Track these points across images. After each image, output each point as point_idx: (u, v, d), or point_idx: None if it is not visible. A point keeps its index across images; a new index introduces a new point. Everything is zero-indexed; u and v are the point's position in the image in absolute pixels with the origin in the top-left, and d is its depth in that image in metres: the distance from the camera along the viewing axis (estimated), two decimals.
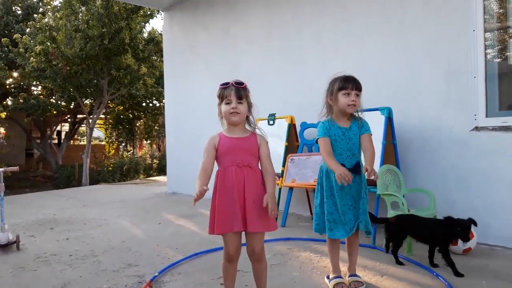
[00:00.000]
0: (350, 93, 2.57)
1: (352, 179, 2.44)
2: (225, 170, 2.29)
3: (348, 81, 2.60)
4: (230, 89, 2.29)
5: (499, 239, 3.65)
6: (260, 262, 2.38)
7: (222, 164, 2.33)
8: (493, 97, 3.84)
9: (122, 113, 18.47)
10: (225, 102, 2.30)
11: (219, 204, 2.26)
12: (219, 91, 2.34)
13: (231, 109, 2.28)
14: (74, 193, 8.40)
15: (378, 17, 4.56)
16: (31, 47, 12.47)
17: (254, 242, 2.31)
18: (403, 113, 4.28)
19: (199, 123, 7.07)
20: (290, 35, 5.57)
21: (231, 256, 2.33)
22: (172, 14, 7.97)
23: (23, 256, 3.73)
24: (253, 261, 2.38)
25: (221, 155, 2.32)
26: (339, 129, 2.64)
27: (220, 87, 2.34)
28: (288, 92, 5.57)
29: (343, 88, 2.58)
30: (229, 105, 2.29)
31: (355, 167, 2.60)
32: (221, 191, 2.28)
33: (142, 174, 16.17)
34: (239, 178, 2.26)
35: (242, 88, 2.32)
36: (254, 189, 2.28)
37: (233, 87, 2.30)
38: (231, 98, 2.28)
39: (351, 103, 2.57)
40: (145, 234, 4.46)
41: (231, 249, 2.31)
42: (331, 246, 2.75)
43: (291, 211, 5.10)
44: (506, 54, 3.93)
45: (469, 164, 3.85)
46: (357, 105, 2.60)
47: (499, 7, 3.91)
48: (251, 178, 2.29)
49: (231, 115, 2.30)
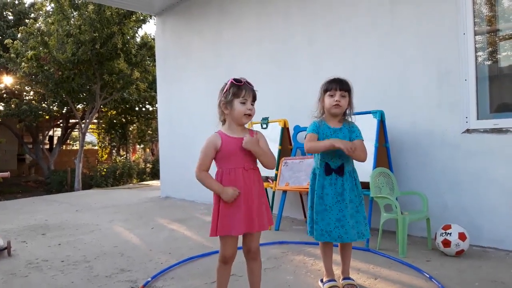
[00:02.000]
0: (334, 94, 2.61)
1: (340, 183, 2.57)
2: (230, 172, 2.24)
3: (332, 82, 2.64)
4: (246, 88, 2.23)
5: (491, 240, 3.67)
6: (256, 260, 2.38)
7: (226, 165, 2.27)
8: (484, 99, 3.87)
9: (115, 118, 18.42)
10: (240, 101, 2.23)
11: (225, 206, 2.22)
12: (233, 86, 2.23)
13: (248, 110, 2.23)
14: (67, 198, 8.33)
15: (369, 20, 4.58)
16: (23, 52, 12.40)
17: (252, 241, 2.31)
18: (396, 116, 4.31)
19: (192, 127, 7.06)
20: (283, 39, 5.59)
21: (228, 258, 2.32)
22: (164, 19, 7.97)
23: (14, 262, 3.69)
24: (249, 259, 2.37)
25: (225, 156, 2.26)
26: (329, 129, 2.66)
27: (234, 83, 2.24)
28: (281, 96, 5.58)
29: (328, 90, 2.64)
30: (245, 106, 2.23)
31: (339, 168, 2.62)
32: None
33: (135, 178, 16.12)
34: (246, 181, 2.24)
35: (255, 90, 2.29)
36: (259, 191, 2.30)
37: (248, 87, 2.25)
38: (247, 98, 2.23)
39: (335, 103, 2.60)
40: (138, 239, 4.43)
41: (230, 251, 2.29)
42: (324, 249, 2.76)
43: (285, 215, 5.09)
44: (496, 57, 3.96)
45: (461, 166, 3.87)
46: (342, 105, 2.61)
47: (489, 10, 3.95)
48: (256, 180, 2.30)
49: (244, 117, 2.25)
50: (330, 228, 2.60)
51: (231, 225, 2.21)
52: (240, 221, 2.20)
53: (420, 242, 3.90)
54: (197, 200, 6.93)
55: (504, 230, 3.60)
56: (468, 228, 3.51)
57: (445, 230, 3.42)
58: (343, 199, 2.61)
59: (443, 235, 3.41)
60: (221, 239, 2.29)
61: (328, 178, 2.63)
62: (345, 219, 2.59)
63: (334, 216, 2.60)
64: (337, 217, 2.60)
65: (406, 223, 3.48)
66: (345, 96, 2.63)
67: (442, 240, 3.40)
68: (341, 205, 2.61)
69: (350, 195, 2.63)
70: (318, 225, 2.62)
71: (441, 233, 3.44)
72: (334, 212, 2.61)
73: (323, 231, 2.61)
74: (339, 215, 2.60)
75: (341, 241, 2.61)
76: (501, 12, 3.91)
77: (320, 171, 2.66)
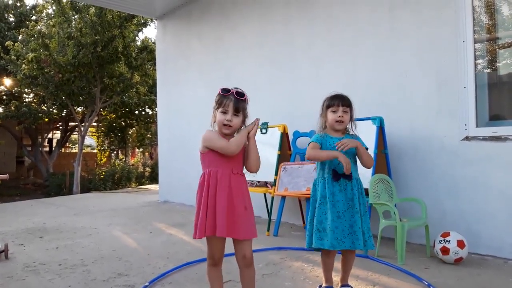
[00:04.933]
0: (337, 110, 2.67)
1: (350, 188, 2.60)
2: (217, 174, 2.25)
3: (335, 98, 2.70)
4: (230, 99, 2.25)
5: (489, 248, 3.67)
6: (250, 267, 2.36)
7: (213, 166, 2.27)
8: (483, 107, 3.88)
9: (114, 121, 18.39)
10: (221, 111, 2.26)
11: (208, 206, 2.22)
12: (218, 96, 2.28)
13: (226, 121, 2.26)
14: (65, 201, 8.32)
15: (368, 26, 4.60)
16: (23, 54, 12.41)
17: (244, 248, 2.30)
18: (394, 123, 4.32)
19: (192, 131, 7.06)
20: (282, 44, 5.60)
21: (216, 259, 2.33)
22: (165, 23, 8.00)
23: (11, 265, 3.67)
24: (243, 267, 2.35)
25: (215, 157, 2.27)
26: (331, 139, 2.68)
27: (220, 93, 2.28)
28: (280, 101, 5.58)
29: (330, 106, 2.70)
30: (224, 116, 2.25)
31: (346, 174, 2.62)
32: (211, 195, 2.24)
33: (134, 182, 16.08)
34: (232, 185, 2.25)
35: (242, 100, 2.28)
36: (244, 196, 2.29)
37: (233, 97, 2.25)
38: (228, 108, 2.25)
39: (338, 119, 2.66)
40: (136, 243, 4.42)
41: (216, 251, 2.31)
42: (326, 258, 2.72)
43: (283, 220, 5.08)
44: (495, 64, 3.98)
45: (460, 173, 3.88)
46: (344, 121, 2.68)
47: (488, 18, 3.97)
48: (242, 184, 2.32)
49: (223, 127, 2.28)
50: (344, 235, 2.57)
51: (216, 226, 2.19)
52: (223, 223, 2.18)
53: (419, 249, 3.90)
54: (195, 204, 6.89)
55: (502, 237, 3.60)
56: (466, 235, 3.51)
57: (443, 237, 3.42)
58: (353, 204, 2.61)
59: (442, 243, 3.40)
60: (208, 240, 2.30)
61: (337, 184, 2.62)
62: (356, 225, 2.58)
63: (347, 222, 2.59)
64: (350, 223, 2.59)
65: (405, 230, 3.47)
66: (347, 111, 2.68)
67: (441, 247, 3.40)
68: (352, 211, 2.60)
69: (359, 201, 2.63)
70: (333, 233, 2.56)
71: (439, 240, 3.44)
72: (346, 218, 2.59)
73: (338, 239, 2.56)
74: (351, 221, 2.59)
75: (354, 247, 2.58)
76: (500, 21, 3.94)
77: (328, 178, 2.66)
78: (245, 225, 2.25)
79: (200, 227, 2.22)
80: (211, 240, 2.29)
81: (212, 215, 2.22)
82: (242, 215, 2.25)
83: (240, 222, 2.23)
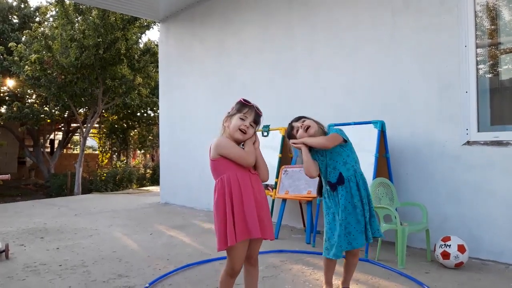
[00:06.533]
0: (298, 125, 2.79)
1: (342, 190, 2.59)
2: (238, 177, 2.23)
3: (292, 122, 2.89)
4: (251, 110, 2.31)
5: (490, 253, 3.66)
6: (255, 267, 2.39)
7: (231, 170, 2.25)
8: (485, 112, 3.88)
9: (116, 123, 18.44)
10: (240, 116, 2.28)
11: (238, 211, 2.18)
12: (239, 104, 2.33)
13: (243, 126, 2.26)
14: (66, 202, 8.32)
15: (369, 31, 4.61)
16: (26, 55, 12.47)
17: (257, 248, 2.34)
18: (396, 127, 4.32)
19: (193, 134, 7.07)
20: (283, 48, 5.62)
21: (236, 270, 2.26)
22: (168, 26, 8.02)
23: (12, 265, 3.68)
24: (249, 266, 2.36)
25: (231, 161, 2.24)
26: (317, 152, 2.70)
27: (242, 101, 2.34)
28: (281, 104, 5.59)
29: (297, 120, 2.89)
30: (242, 122, 2.27)
31: (338, 179, 2.63)
32: (237, 199, 2.19)
33: (135, 184, 16.10)
34: (253, 184, 2.26)
35: (260, 116, 2.35)
36: (265, 197, 2.32)
37: (254, 110, 2.32)
38: (248, 116, 2.29)
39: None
40: (136, 245, 4.42)
41: (239, 261, 2.24)
42: (328, 263, 2.72)
43: (284, 223, 5.08)
44: (497, 69, 3.98)
45: (461, 178, 3.87)
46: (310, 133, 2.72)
47: (490, 23, 3.98)
48: (261, 184, 2.35)
49: (238, 132, 2.27)
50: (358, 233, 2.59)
51: (249, 229, 2.16)
52: (256, 224, 2.17)
53: (419, 254, 3.89)
54: (196, 206, 6.92)
55: (503, 242, 3.59)
56: (467, 239, 3.51)
57: (444, 241, 3.41)
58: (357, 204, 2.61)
59: (442, 247, 3.40)
60: (232, 250, 2.19)
61: (338, 194, 2.63)
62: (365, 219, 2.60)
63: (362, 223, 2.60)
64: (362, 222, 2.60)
65: (406, 234, 3.47)
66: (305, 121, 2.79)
67: (441, 252, 3.39)
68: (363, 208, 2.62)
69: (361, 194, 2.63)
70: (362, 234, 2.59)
71: (440, 244, 3.43)
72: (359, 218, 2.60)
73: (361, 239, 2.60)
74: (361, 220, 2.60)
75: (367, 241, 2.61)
76: (502, 26, 3.94)
77: (329, 192, 2.67)
78: (270, 223, 2.29)
79: (230, 234, 2.13)
80: (236, 249, 2.19)
81: (241, 219, 2.18)
82: (267, 214, 2.29)
83: (266, 220, 2.26)
